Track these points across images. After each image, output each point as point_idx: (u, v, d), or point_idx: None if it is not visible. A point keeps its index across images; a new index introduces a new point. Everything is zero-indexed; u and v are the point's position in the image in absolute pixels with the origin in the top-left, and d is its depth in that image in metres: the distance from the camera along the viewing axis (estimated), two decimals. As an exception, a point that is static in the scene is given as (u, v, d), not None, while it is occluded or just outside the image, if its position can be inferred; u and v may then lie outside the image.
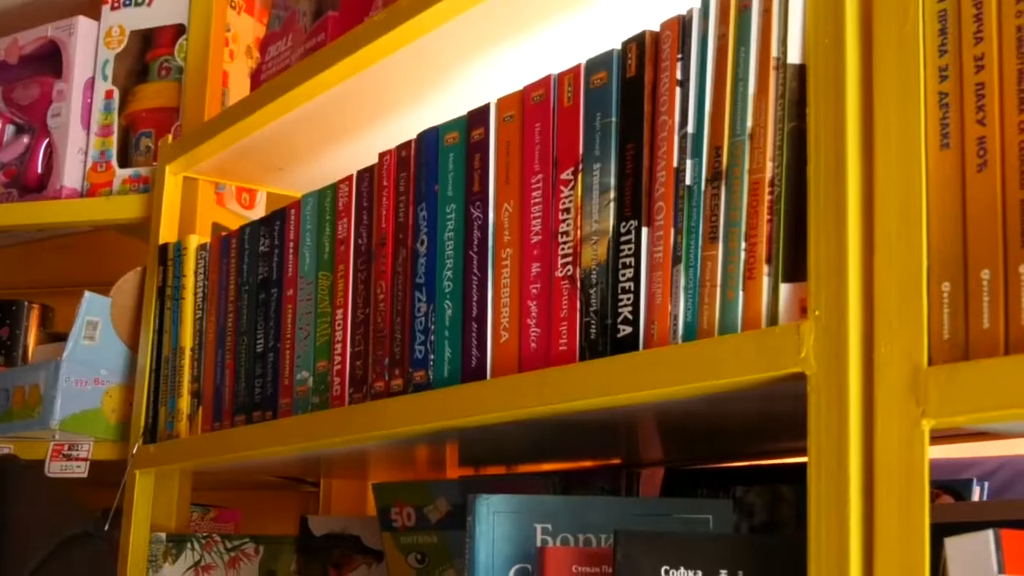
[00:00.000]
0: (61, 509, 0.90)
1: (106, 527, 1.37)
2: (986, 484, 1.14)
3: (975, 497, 1.10)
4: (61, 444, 1.57)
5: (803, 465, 1.08)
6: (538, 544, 0.98)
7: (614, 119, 0.93)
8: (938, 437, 0.71)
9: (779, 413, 0.94)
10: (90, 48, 1.79)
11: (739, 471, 1.20)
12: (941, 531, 0.68)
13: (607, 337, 0.91)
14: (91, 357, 1.60)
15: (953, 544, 0.66)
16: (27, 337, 1.82)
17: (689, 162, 0.87)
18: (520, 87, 1.03)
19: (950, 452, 1.32)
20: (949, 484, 1.10)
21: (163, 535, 1.46)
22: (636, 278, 0.90)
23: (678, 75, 0.89)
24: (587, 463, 1.37)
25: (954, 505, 1.04)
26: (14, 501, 0.84)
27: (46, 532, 0.84)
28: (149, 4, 1.77)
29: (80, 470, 1.56)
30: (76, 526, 0.89)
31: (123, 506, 1.52)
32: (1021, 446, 1.38)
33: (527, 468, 1.43)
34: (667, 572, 0.83)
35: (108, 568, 0.95)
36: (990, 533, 0.64)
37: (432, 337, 1.08)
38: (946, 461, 1.29)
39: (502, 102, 1.04)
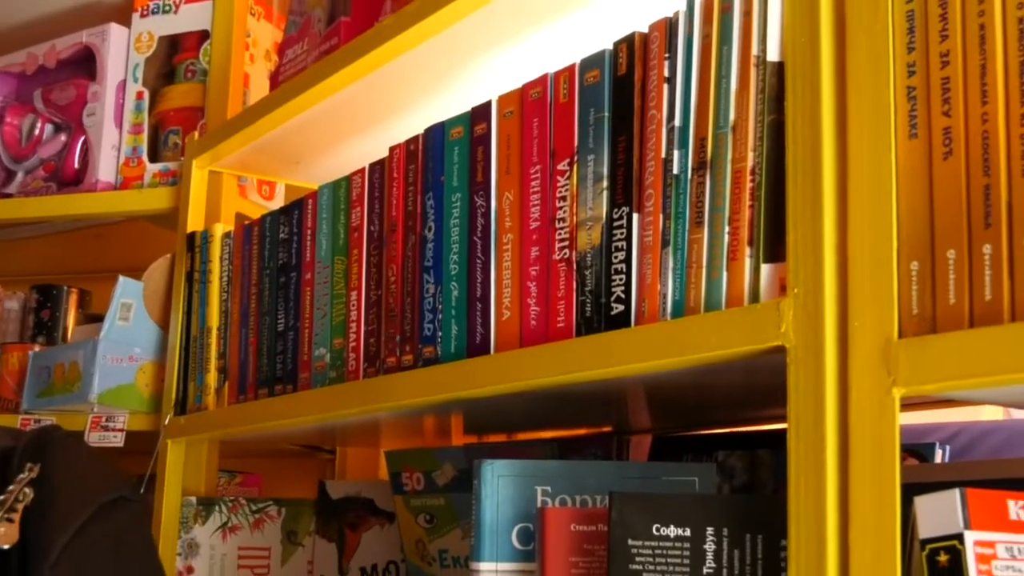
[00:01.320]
0: (100, 475, 0.89)
1: (141, 491, 1.37)
2: (948, 448, 1.14)
3: (938, 460, 1.09)
4: (99, 416, 1.57)
5: (780, 431, 1.08)
6: (539, 505, 0.98)
7: (606, 114, 0.93)
8: (904, 405, 0.71)
9: (759, 384, 0.94)
10: (122, 53, 1.78)
11: (721, 437, 1.19)
12: (909, 491, 0.68)
13: (601, 315, 0.91)
14: (125, 336, 1.60)
15: (922, 502, 0.65)
16: (66, 319, 1.82)
17: (676, 153, 0.86)
18: (519, 85, 1.02)
19: (913, 419, 1.32)
20: (914, 448, 1.10)
21: (193, 499, 1.46)
22: (628, 260, 0.89)
23: (665, 72, 0.88)
24: (581, 431, 1.37)
25: (920, 466, 1.03)
26: (57, 468, 0.84)
27: (88, 494, 0.84)
28: (176, 11, 1.76)
29: (116, 440, 1.56)
30: (114, 491, 0.89)
31: (156, 472, 1.52)
32: (977, 413, 1.39)
33: (526, 436, 1.43)
34: (658, 529, 0.83)
35: (144, 529, 0.95)
36: (957, 492, 0.64)
37: (440, 316, 1.07)
38: (910, 427, 1.29)
39: (503, 99, 1.04)
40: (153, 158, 1.75)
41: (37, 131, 1.86)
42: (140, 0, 1.79)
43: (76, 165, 1.79)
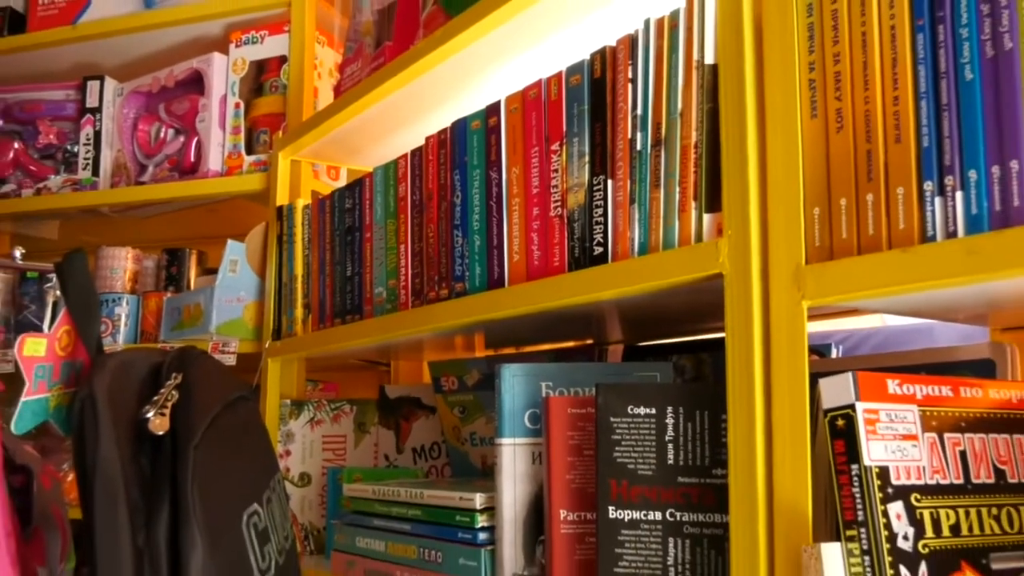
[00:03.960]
0: (226, 380, 0.90)
1: (251, 395, 1.38)
2: (841, 347, 1.15)
3: (834, 355, 1.10)
4: (217, 343, 1.58)
5: (719, 339, 1.09)
6: (543, 395, 0.99)
7: (586, 107, 0.93)
8: (810, 316, 0.72)
9: (702, 304, 0.95)
10: (223, 74, 1.77)
11: (675, 345, 1.20)
12: (814, 378, 0.69)
13: (586, 255, 0.91)
14: (234, 284, 1.60)
15: (825, 382, 0.66)
16: (189, 273, 1.83)
17: (639, 134, 0.86)
18: (521, 88, 1.02)
19: (816, 328, 1.33)
20: (817, 347, 1.11)
21: (288, 401, 1.47)
22: (605, 215, 0.90)
23: (629, 75, 0.88)
24: (570, 344, 1.38)
25: (821, 360, 1.05)
26: (195, 376, 0.85)
27: (218, 395, 0.85)
28: (262, 42, 1.75)
29: (231, 360, 1.57)
30: (236, 391, 0.90)
31: (260, 383, 1.54)
32: (862, 322, 1.39)
33: (530, 348, 1.44)
34: (632, 410, 0.84)
35: (259, 419, 0.96)
36: (850, 374, 0.65)
37: (467, 260, 1.08)
38: (814, 333, 1.30)
39: (509, 98, 1.04)
40: (249, 152, 1.75)
41: (162, 135, 1.85)
42: (235, 34, 1.77)
43: (192, 159, 1.79)
